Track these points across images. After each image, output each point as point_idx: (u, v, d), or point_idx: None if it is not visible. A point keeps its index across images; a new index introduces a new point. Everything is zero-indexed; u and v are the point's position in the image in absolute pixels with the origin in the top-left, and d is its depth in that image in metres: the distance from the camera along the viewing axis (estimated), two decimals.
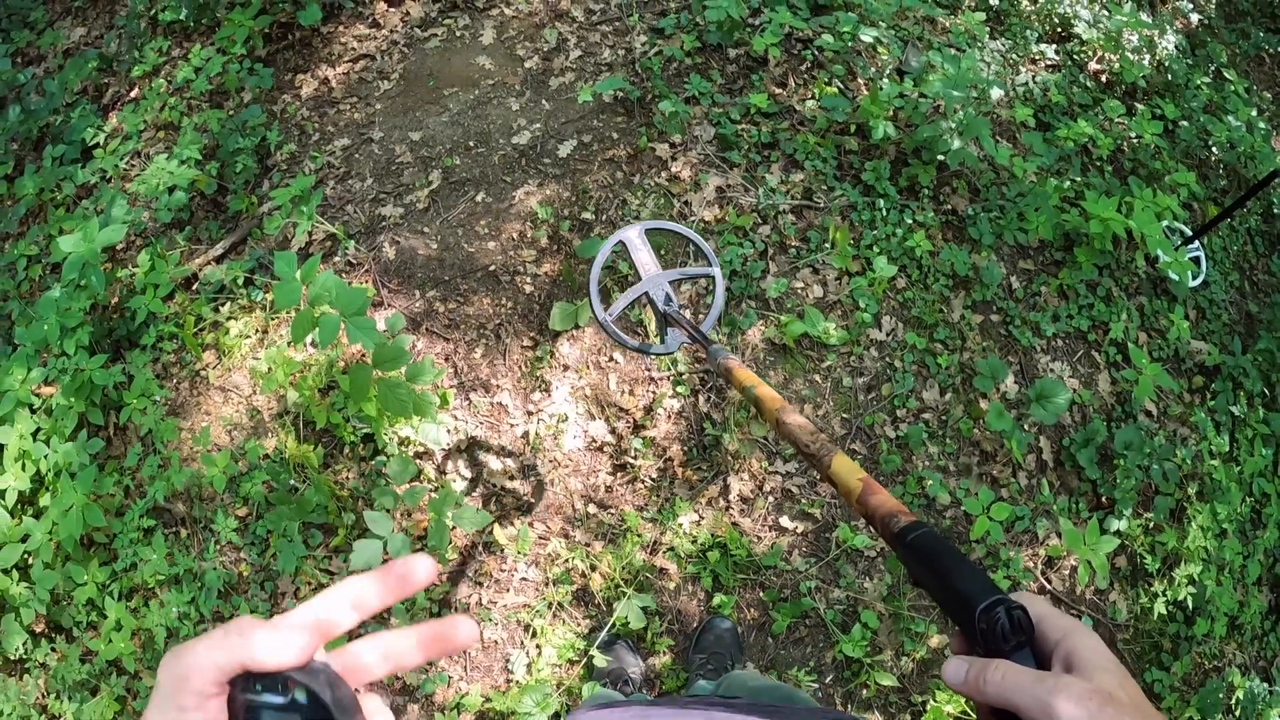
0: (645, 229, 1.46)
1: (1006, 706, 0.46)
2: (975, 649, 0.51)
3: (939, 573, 0.54)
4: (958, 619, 0.52)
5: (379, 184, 2.42)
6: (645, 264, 1.44)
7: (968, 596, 0.50)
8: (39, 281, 2.53)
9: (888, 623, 1.95)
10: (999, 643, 0.49)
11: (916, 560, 0.58)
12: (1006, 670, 0.47)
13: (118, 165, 2.56)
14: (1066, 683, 0.44)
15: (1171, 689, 2.09)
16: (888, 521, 0.62)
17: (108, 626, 1.97)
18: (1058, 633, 0.49)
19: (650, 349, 1.44)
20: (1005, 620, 0.49)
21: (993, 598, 0.49)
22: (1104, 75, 2.85)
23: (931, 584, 0.56)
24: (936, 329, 2.22)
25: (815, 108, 2.45)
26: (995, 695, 0.46)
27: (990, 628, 0.49)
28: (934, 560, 0.56)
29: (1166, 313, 2.45)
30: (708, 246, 1.48)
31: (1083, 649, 0.47)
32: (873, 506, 0.66)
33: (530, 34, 2.67)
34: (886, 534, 0.63)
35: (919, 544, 0.58)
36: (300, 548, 1.96)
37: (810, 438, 0.80)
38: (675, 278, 1.44)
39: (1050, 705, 0.43)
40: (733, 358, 1.12)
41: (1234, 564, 2.23)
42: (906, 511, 0.63)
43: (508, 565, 2.00)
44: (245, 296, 2.28)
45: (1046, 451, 2.17)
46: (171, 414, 2.19)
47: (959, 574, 0.52)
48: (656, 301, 1.40)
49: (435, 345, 2.19)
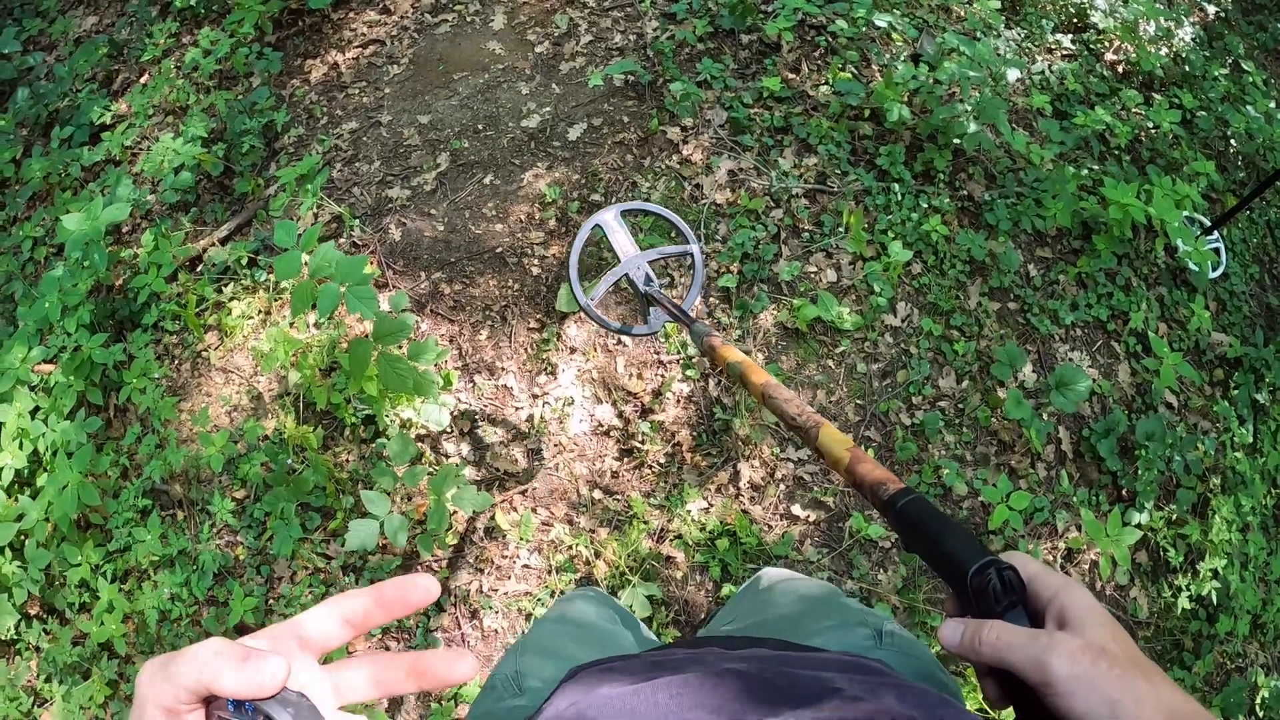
0: (621, 210, 1.46)
1: (1002, 665, 0.47)
2: (969, 611, 0.51)
3: (930, 538, 0.55)
4: (950, 582, 0.53)
5: (386, 166, 2.40)
6: (623, 245, 1.44)
7: (959, 559, 0.51)
8: (44, 263, 2.51)
9: (902, 616, 1.89)
10: (992, 603, 0.49)
11: (907, 526, 0.59)
12: (1001, 630, 0.47)
13: (125, 147, 2.54)
14: (1060, 639, 0.45)
15: (1194, 689, 2.02)
16: (877, 489, 0.63)
17: (100, 608, 1.92)
18: (1049, 590, 0.49)
19: (632, 330, 1.42)
20: (997, 581, 0.49)
21: (984, 559, 0.50)
22: (1121, 65, 2.81)
23: (923, 549, 0.57)
24: (953, 315, 2.17)
25: (829, 92, 2.41)
26: (990, 655, 0.47)
27: (982, 589, 0.50)
28: (924, 526, 0.57)
29: (1187, 303, 2.39)
30: (685, 225, 1.47)
31: (1074, 605, 0.47)
32: (861, 475, 0.66)
33: (541, 19, 2.65)
34: (876, 502, 0.63)
35: (909, 510, 0.59)
36: (297, 530, 1.91)
37: (797, 410, 0.80)
38: (654, 258, 1.44)
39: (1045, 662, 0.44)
40: (716, 335, 1.09)
41: (1258, 559, 2.16)
42: (895, 479, 0.63)
43: (509, 551, 1.95)
44: (249, 277, 2.25)
45: (1066, 442, 2.12)
46: (171, 394, 2.16)
47: (950, 538, 0.53)
48: (637, 282, 1.40)
49: (440, 327, 2.16)
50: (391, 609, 0.40)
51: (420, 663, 0.40)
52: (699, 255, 1.45)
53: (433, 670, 0.40)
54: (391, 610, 0.40)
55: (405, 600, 0.40)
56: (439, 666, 0.40)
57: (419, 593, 0.40)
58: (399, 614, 0.40)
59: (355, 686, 0.40)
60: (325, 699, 0.39)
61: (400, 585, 0.40)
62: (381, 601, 0.40)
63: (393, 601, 0.40)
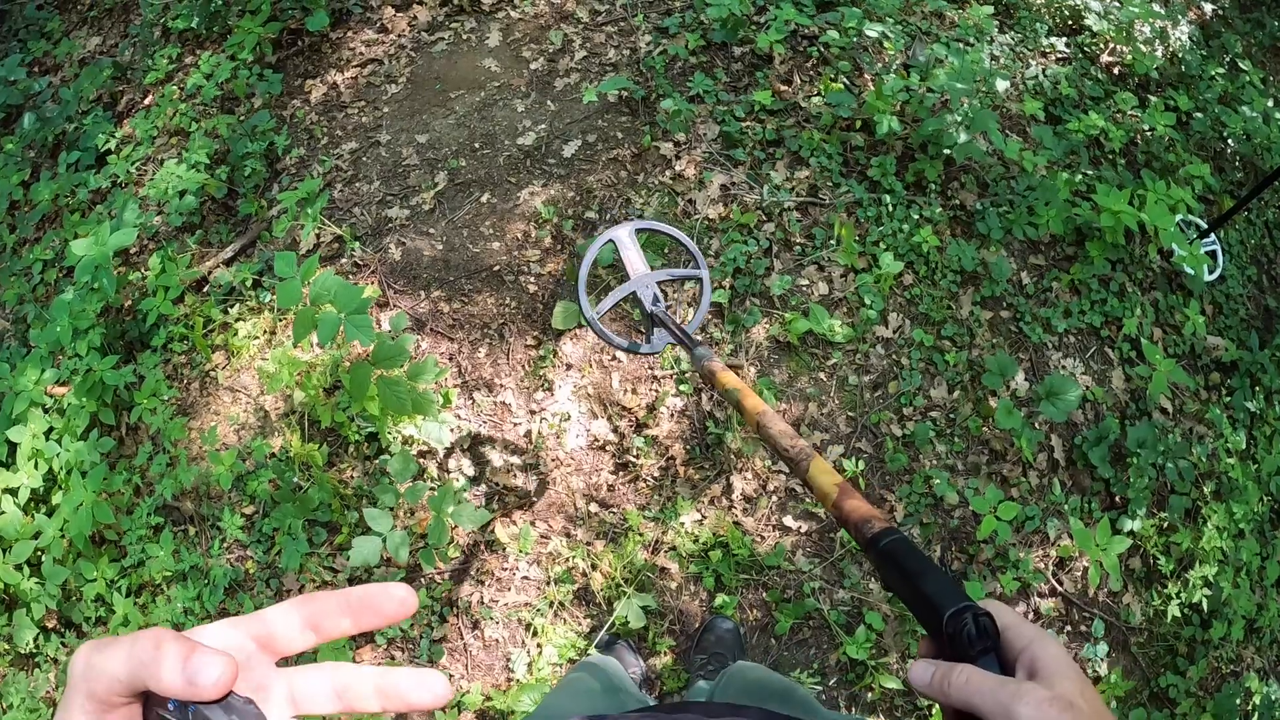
0: (635, 228, 1.46)
1: (969, 709, 0.47)
2: (943, 653, 0.52)
3: (909, 578, 0.56)
4: (926, 623, 0.54)
5: (386, 186, 2.44)
6: (634, 263, 1.44)
7: (936, 602, 0.52)
8: (54, 285, 2.57)
9: (893, 624, 1.92)
10: (965, 648, 0.50)
11: (888, 565, 0.59)
12: (971, 674, 0.48)
13: (130, 171, 2.60)
14: (1028, 689, 0.45)
15: (1187, 694, 2.04)
16: (861, 527, 0.64)
17: (115, 621, 1.99)
18: (1022, 640, 0.50)
19: (637, 348, 1.43)
20: (972, 626, 0.50)
21: (960, 604, 0.51)
22: (1116, 67, 2.81)
23: (902, 589, 0.57)
24: (944, 326, 2.19)
25: (821, 104, 2.43)
26: (958, 698, 0.48)
27: (957, 633, 0.50)
28: (905, 566, 0.57)
29: (1182, 308, 2.40)
30: (696, 248, 1.47)
31: (1046, 657, 0.48)
32: (847, 511, 0.67)
33: (536, 36, 2.69)
34: (860, 539, 0.64)
35: (891, 550, 0.59)
36: (304, 545, 1.97)
37: (790, 443, 0.81)
38: (663, 278, 1.44)
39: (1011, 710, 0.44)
40: (716, 360, 1.12)
41: (1251, 565, 2.18)
42: (881, 517, 0.64)
43: (509, 564, 1.99)
44: (254, 298, 2.30)
45: (1058, 450, 2.14)
46: (181, 414, 2.22)
47: (928, 580, 0.54)
48: (644, 301, 1.40)
49: (440, 345, 2.20)
50: (361, 618, 0.36)
51: (387, 680, 0.36)
52: (707, 280, 1.46)
53: (399, 691, 0.35)
54: (361, 620, 0.36)
55: (377, 610, 0.36)
56: (407, 688, 0.36)
57: (393, 604, 0.36)
58: (372, 625, 0.36)
59: (315, 697, 0.36)
60: (279, 706, 0.36)
61: (372, 594, 0.36)
62: (349, 608, 0.36)
63: (362, 610, 0.36)
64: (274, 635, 0.36)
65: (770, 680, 1.14)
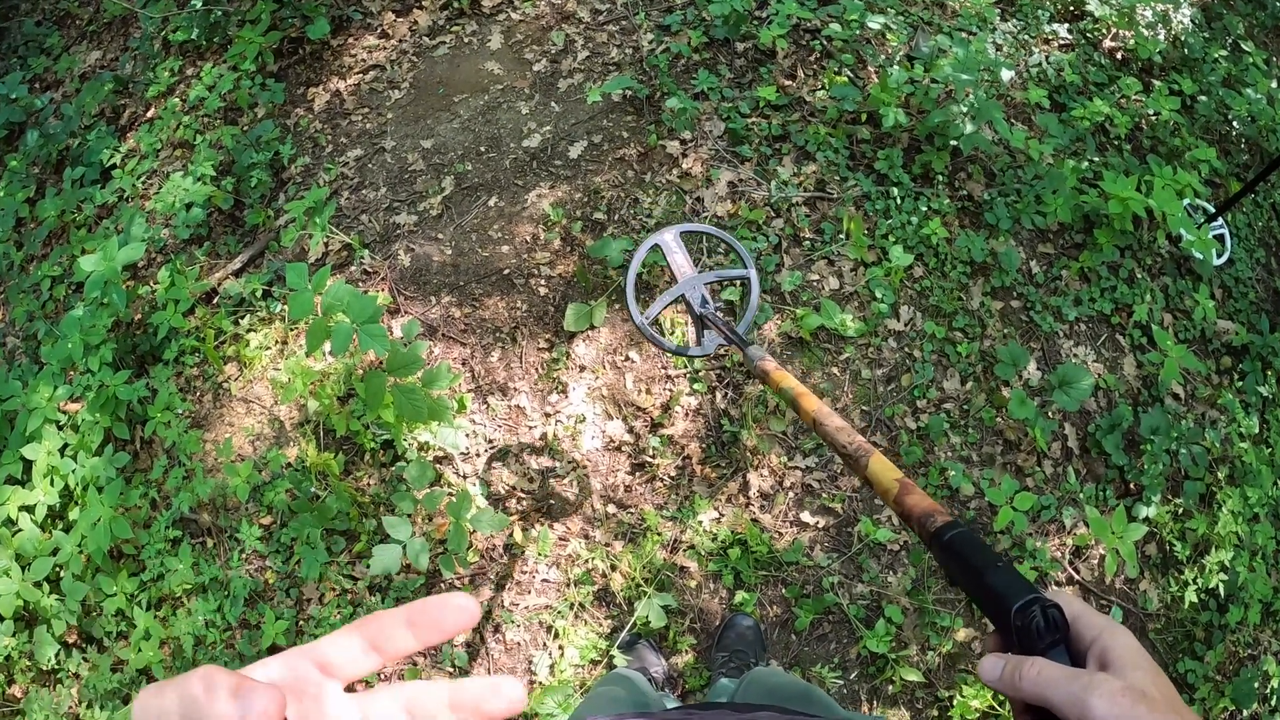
0: (680, 231, 1.46)
1: (1041, 703, 0.47)
2: (1011, 647, 0.51)
3: (975, 572, 0.55)
4: (994, 617, 0.53)
5: (392, 192, 2.44)
6: (681, 266, 1.43)
7: (1003, 595, 0.51)
8: (63, 301, 2.57)
9: (912, 617, 1.93)
10: (1034, 640, 0.49)
11: (953, 560, 0.59)
12: (1042, 667, 0.47)
13: (135, 185, 2.60)
14: (1101, 680, 0.45)
15: (1205, 679, 2.05)
16: (924, 521, 0.64)
17: (137, 636, 2.00)
18: (1092, 630, 0.49)
19: (688, 350, 1.43)
20: (1040, 618, 0.49)
21: (1028, 596, 0.50)
22: (1119, 52, 2.80)
23: (967, 583, 0.57)
24: (955, 317, 2.19)
25: (825, 98, 2.43)
26: (1030, 692, 0.47)
27: (1026, 626, 0.50)
28: (970, 559, 0.57)
29: (1191, 293, 2.40)
30: (743, 248, 1.47)
31: (1117, 647, 0.47)
32: (909, 506, 0.67)
33: (538, 37, 2.68)
34: (923, 533, 0.63)
35: (955, 543, 0.59)
36: (323, 554, 1.97)
37: (848, 439, 0.81)
38: (711, 280, 1.44)
39: (1085, 702, 0.44)
40: (770, 359, 1.12)
41: (1267, 549, 2.18)
42: (943, 511, 0.63)
43: (529, 567, 2.00)
44: (264, 308, 2.31)
45: (1072, 438, 2.14)
46: (195, 426, 2.22)
47: (995, 573, 0.53)
48: (693, 304, 1.40)
49: (452, 350, 2.20)
50: (425, 634, 0.36)
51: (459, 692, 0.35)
52: (755, 280, 1.45)
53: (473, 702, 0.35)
54: (425, 635, 0.36)
55: (440, 624, 0.36)
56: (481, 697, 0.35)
57: (456, 613, 0.36)
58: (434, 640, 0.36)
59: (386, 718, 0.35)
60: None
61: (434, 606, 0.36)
62: (413, 624, 0.36)
63: (426, 625, 0.36)
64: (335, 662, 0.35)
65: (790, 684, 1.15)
